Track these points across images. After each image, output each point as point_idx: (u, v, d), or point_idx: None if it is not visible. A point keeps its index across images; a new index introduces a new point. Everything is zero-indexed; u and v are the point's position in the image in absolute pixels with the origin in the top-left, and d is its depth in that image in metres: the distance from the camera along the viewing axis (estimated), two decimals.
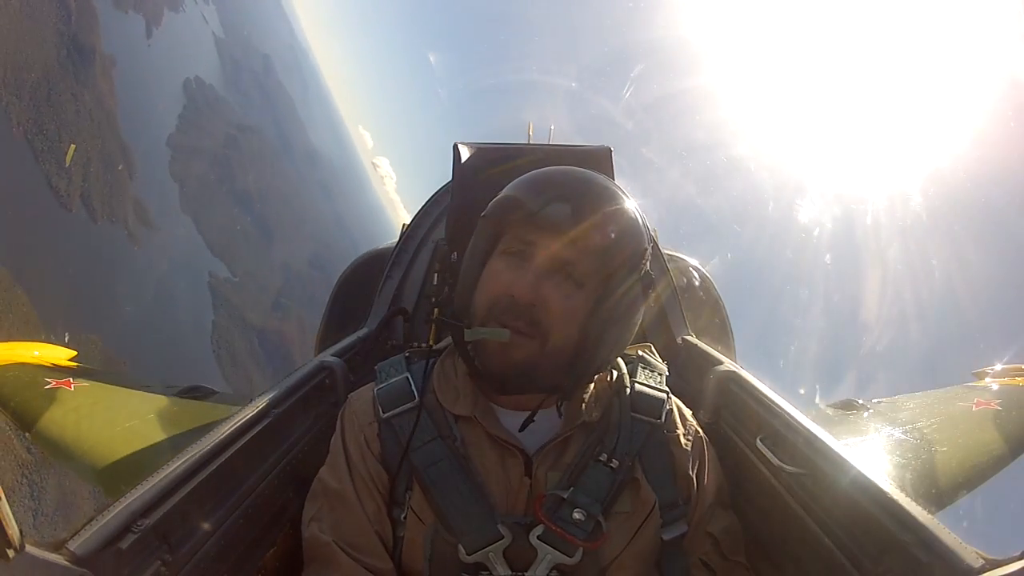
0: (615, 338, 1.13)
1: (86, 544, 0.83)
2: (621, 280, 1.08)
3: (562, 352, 1.08)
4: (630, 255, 1.09)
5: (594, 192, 1.10)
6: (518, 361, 1.06)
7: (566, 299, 1.06)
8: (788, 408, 1.31)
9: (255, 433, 1.27)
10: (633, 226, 1.11)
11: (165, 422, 2.00)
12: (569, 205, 1.05)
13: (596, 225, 1.05)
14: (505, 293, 1.06)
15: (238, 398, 2.05)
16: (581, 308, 1.07)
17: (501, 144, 1.93)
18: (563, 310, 1.06)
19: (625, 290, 1.09)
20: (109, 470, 1.78)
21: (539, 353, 1.07)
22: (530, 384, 1.10)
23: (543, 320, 1.05)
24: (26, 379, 2.16)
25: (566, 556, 1.05)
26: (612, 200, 1.10)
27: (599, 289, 1.08)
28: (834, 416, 2.23)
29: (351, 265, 2.55)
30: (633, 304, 1.12)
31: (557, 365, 1.09)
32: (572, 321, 1.07)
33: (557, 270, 1.06)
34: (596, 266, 1.07)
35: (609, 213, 1.07)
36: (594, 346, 1.09)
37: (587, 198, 1.07)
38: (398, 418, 1.17)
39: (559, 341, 1.07)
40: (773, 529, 1.27)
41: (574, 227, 1.04)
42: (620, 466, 1.12)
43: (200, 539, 1.04)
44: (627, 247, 1.09)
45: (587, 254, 1.05)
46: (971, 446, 2.06)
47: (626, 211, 1.11)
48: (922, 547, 0.87)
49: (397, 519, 1.14)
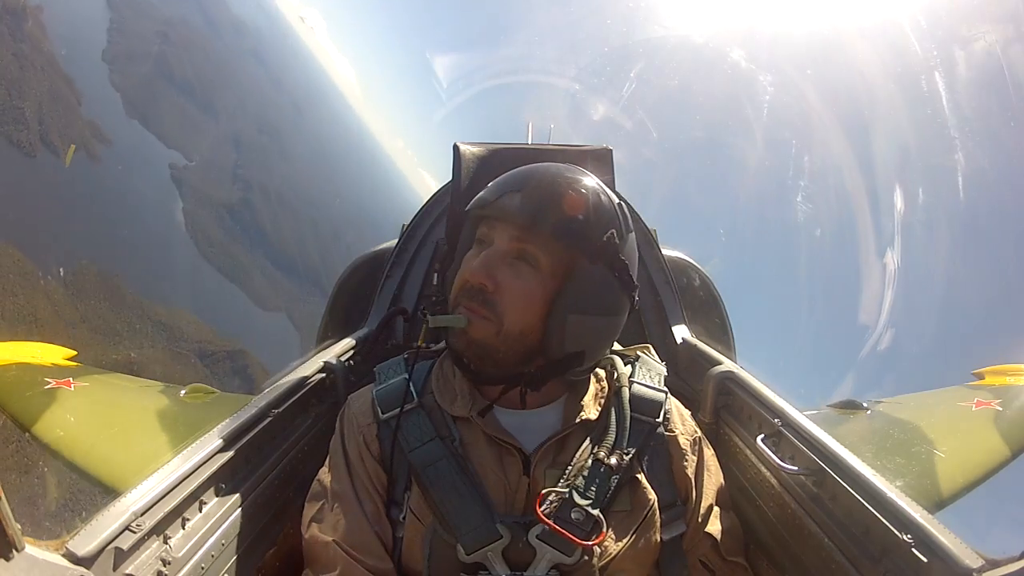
0: (584, 327, 1.10)
1: (86, 544, 0.83)
2: (582, 266, 1.08)
3: (523, 336, 1.09)
4: (586, 238, 1.08)
5: (547, 181, 1.12)
6: (477, 341, 1.10)
7: (517, 279, 1.08)
8: (788, 408, 1.31)
9: (255, 433, 1.27)
10: (591, 211, 1.10)
11: (165, 422, 2.00)
12: (520, 194, 1.09)
13: (544, 209, 1.08)
14: (465, 280, 1.11)
15: (238, 397, 2.05)
16: (537, 290, 1.08)
17: (501, 144, 1.93)
18: (515, 290, 1.08)
19: (588, 275, 1.08)
20: (109, 470, 1.78)
21: (496, 335, 1.09)
22: (492, 365, 1.12)
23: (498, 302, 1.08)
24: (26, 379, 2.16)
25: (565, 555, 1.05)
26: (569, 187, 1.11)
27: (558, 273, 1.09)
28: (834, 416, 2.23)
29: (351, 265, 2.54)
30: (603, 292, 1.11)
31: (517, 349, 1.10)
32: (528, 303, 1.08)
33: (511, 254, 1.10)
34: (548, 248, 1.08)
35: (562, 199, 1.09)
36: (556, 331, 1.08)
37: (539, 187, 1.10)
38: (396, 419, 1.18)
39: (515, 324, 1.08)
40: (773, 529, 1.26)
41: (522, 213, 1.08)
42: (619, 465, 1.12)
43: (200, 539, 1.04)
44: (582, 230, 1.08)
45: (537, 237, 1.08)
46: (971, 446, 2.06)
47: (583, 196, 1.10)
48: (922, 547, 0.87)
49: (396, 519, 1.14)
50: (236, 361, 43.73)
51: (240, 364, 43.45)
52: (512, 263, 1.09)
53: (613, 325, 1.17)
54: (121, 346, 36.47)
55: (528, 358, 1.12)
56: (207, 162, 57.75)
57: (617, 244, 1.10)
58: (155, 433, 1.94)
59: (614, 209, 1.13)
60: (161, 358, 38.43)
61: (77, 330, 34.32)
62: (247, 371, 43.25)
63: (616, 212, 1.13)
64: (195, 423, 1.99)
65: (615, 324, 1.17)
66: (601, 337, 1.17)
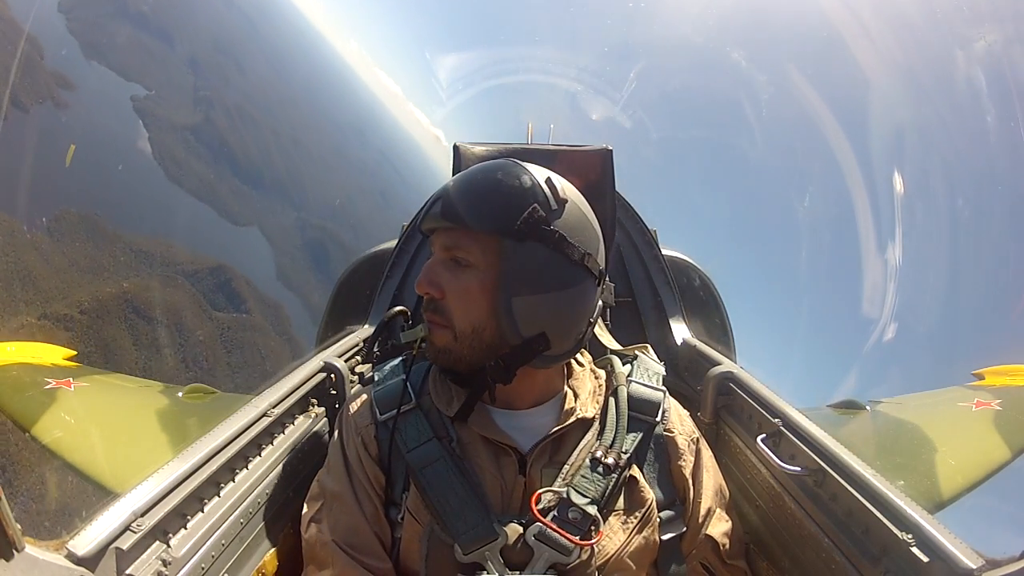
0: (531, 307, 1.08)
1: (86, 544, 0.83)
2: (509, 248, 1.07)
3: (477, 333, 1.10)
4: (504, 219, 1.07)
5: (461, 180, 1.13)
6: (441, 348, 1.13)
7: (456, 280, 1.10)
8: (788, 408, 1.31)
9: (255, 433, 1.27)
10: (504, 194, 1.09)
11: (165, 422, 2.01)
12: (440, 200, 1.11)
13: (458, 206, 1.09)
14: (418, 292, 1.15)
15: (238, 397, 2.05)
16: (474, 285, 1.09)
17: (501, 144, 1.93)
18: (456, 291, 1.10)
19: (518, 255, 1.07)
20: (109, 470, 1.79)
21: (454, 339, 1.11)
22: (464, 367, 1.13)
23: (446, 307, 1.11)
24: (26, 379, 2.17)
25: (562, 555, 1.05)
26: (478, 178, 1.12)
27: (491, 263, 1.08)
28: (835, 416, 2.23)
29: (351, 265, 2.55)
30: (541, 268, 1.08)
31: (478, 347, 1.11)
32: (468, 300, 1.09)
33: (446, 259, 1.12)
34: (475, 242, 1.09)
35: (472, 191, 1.10)
36: (505, 318, 1.07)
37: (454, 187, 1.12)
38: (394, 420, 1.18)
39: (465, 323, 1.10)
40: (773, 529, 1.27)
41: (444, 216, 1.10)
42: (616, 464, 1.12)
43: (200, 539, 1.05)
44: (497, 213, 1.07)
45: (462, 235, 1.10)
46: (971, 446, 2.07)
47: (493, 182, 1.10)
48: (922, 547, 0.87)
49: (394, 520, 1.14)
50: (219, 277, 46.27)
51: (224, 279, 46.09)
52: (449, 267, 1.11)
53: (566, 299, 1.11)
54: (111, 280, 38.61)
55: (491, 352, 1.11)
56: (167, 89, 60.92)
57: (542, 216, 1.08)
58: (155, 433, 1.95)
59: (535, 185, 1.10)
60: (150, 285, 40.85)
61: (67, 274, 36.61)
62: (231, 285, 46.31)
63: (538, 187, 1.10)
64: (195, 423, 1.99)
65: (568, 297, 1.11)
66: (558, 313, 1.11)
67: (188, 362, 40.37)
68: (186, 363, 40.18)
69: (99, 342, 34.23)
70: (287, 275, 61.27)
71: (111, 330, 35.92)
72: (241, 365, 42.77)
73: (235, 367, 42.33)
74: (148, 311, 38.75)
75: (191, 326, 41.54)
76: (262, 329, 47.42)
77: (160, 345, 37.79)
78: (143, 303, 38.81)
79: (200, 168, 56.72)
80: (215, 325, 43.73)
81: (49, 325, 33.63)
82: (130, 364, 35.70)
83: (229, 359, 42.96)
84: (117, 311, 37.27)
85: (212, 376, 40.48)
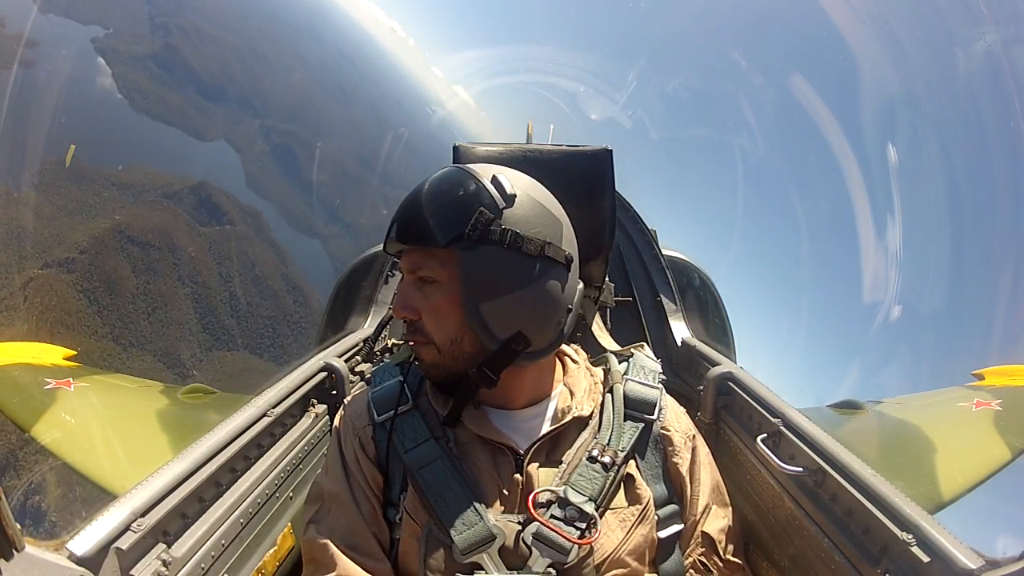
0: (500, 309, 1.08)
1: (86, 544, 0.83)
2: (464, 258, 1.06)
3: (456, 345, 1.11)
4: (453, 230, 1.06)
5: (408, 200, 1.13)
6: (428, 364, 1.15)
7: (427, 299, 1.11)
8: (788, 408, 1.31)
9: (255, 433, 1.27)
10: (450, 207, 1.08)
11: (165, 422, 2.01)
12: (396, 224, 1.12)
13: (412, 230, 1.10)
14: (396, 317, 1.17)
15: (238, 397, 2.05)
16: (442, 301, 1.09)
17: (501, 144, 1.93)
18: (429, 311, 1.11)
19: (474, 262, 1.06)
20: (109, 470, 1.79)
21: (438, 354, 1.12)
22: (453, 379, 1.15)
23: (423, 327, 1.12)
24: (26, 379, 2.17)
25: (560, 554, 1.05)
26: (428, 199, 1.11)
27: (453, 276, 1.09)
28: (834, 416, 2.23)
29: (351, 265, 2.55)
30: (499, 269, 1.07)
31: (461, 357, 1.11)
32: (441, 316, 1.10)
33: (414, 280, 1.13)
34: (435, 259, 1.09)
35: (418, 210, 1.10)
36: (479, 326, 1.08)
37: (402, 210, 1.13)
38: (392, 421, 1.18)
39: (444, 338, 1.11)
40: (773, 529, 1.27)
41: (402, 239, 1.11)
42: (613, 463, 1.12)
43: (200, 539, 1.05)
44: (446, 226, 1.07)
45: (422, 255, 1.11)
46: (971, 446, 2.06)
47: (441, 198, 1.10)
48: (922, 547, 0.87)
49: (392, 520, 1.14)
50: (199, 194, 49.24)
51: (204, 195, 49.10)
52: (419, 287, 1.12)
53: (533, 294, 1.10)
54: (99, 217, 41.01)
55: (475, 359, 1.12)
56: (124, 22, 63.53)
57: (490, 218, 1.07)
58: (155, 433, 1.95)
59: (479, 188, 1.10)
60: (138, 212, 43.45)
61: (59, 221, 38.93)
62: (212, 199, 49.27)
63: (483, 189, 1.09)
64: (195, 423, 1.99)
65: (535, 292, 1.10)
66: (529, 310, 1.10)
67: (184, 279, 42.68)
68: (182, 280, 42.52)
69: (102, 276, 36.69)
70: (258, 182, 63.86)
71: (111, 262, 38.31)
72: (232, 274, 45.85)
73: (226, 277, 45.25)
74: (141, 237, 41.17)
75: (182, 244, 43.92)
76: (247, 237, 50.43)
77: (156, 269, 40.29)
78: (136, 231, 41.20)
79: (164, 92, 59.32)
80: (204, 240, 46.36)
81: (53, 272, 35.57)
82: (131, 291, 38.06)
83: (220, 270, 45.78)
84: (113, 244, 39.67)
85: (207, 288, 43.19)
